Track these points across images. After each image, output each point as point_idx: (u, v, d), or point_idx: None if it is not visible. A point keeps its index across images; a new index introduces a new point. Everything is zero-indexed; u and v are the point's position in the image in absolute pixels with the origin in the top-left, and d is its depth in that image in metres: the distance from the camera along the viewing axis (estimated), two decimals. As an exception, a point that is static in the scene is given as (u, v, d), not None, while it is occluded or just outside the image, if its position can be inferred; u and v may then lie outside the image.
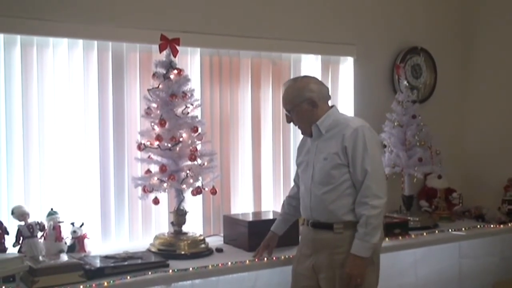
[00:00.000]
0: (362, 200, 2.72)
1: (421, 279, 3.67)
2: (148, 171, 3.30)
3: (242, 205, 3.96)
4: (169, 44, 3.24)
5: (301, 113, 2.86)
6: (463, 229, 3.97)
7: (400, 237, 3.70)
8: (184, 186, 3.22)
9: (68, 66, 3.39)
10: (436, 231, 3.91)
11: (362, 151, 2.73)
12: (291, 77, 4.06)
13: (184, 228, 3.36)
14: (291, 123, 2.97)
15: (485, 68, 4.77)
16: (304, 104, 2.83)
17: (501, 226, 4.09)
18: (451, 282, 3.81)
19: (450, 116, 4.85)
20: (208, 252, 3.28)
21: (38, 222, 3.10)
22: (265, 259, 3.16)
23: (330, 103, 2.98)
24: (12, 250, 3.02)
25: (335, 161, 2.77)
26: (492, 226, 4.09)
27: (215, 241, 3.55)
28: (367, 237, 2.69)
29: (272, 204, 4.06)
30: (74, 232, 3.19)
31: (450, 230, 3.95)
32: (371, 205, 2.69)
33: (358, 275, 2.71)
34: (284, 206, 3.24)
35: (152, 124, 3.24)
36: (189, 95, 3.26)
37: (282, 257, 3.18)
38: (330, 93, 2.96)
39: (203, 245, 3.30)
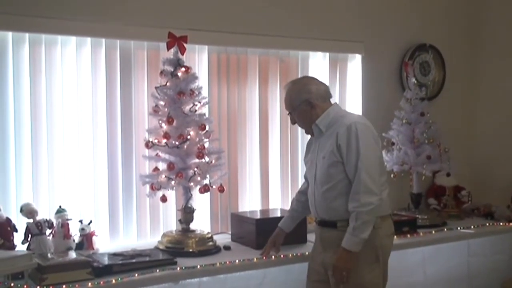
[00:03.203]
0: (354, 196, 2.72)
1: (430, 277, 3.65)
2: (156, 169, 3.30)
3: (249, 203, 3.96)
4: (177, 41, 3.23)
5: (301, 114, 2.92)
6: (472, 227, 3.95)
7: (409, 235, 3.68)
8: (191, 184, 3.23)
9: (76, 64, 3.40)
10: (445, 229, 3.89)
11: (355, 147, 2.73)
12: (299, 74, 4.06)
13: (192, 226, 3.37)
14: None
15: (493, 65, 4.74)
16: (302, 106, 2.88)
17: (510, 224, 4.06)
18: (459, 280, 3.79)
19: (459, 113, 4.82)
20: (215, 249, 3.29)
21: (46, 219, 3.11)
22: (273, 257, 3.15)
23: (333, 100, 2.99)
24: (20, 247, 3.04)
25: (332, 159, 2.79)
26: (501, 224, 4.07)
27: (222, 239, 3.55)
28: (356, 232, 2.69)
29: (279, 202, 4.05)
30: (82, 229, 3.20)
31: (458, 228, 3.93)
32: (362, 201, 2.69)
33: (343, 268, 2.71)
34: (292, 203, 3.24)
35: (160, 122, 3.24)
36: (197, 93, 3.27)
37: (290, 255, 3.18)
38: (330, 91, 2.98)
39: (210, 243, 3.31)
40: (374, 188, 2.72)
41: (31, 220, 3.06)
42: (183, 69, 3.24)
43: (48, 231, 3.10)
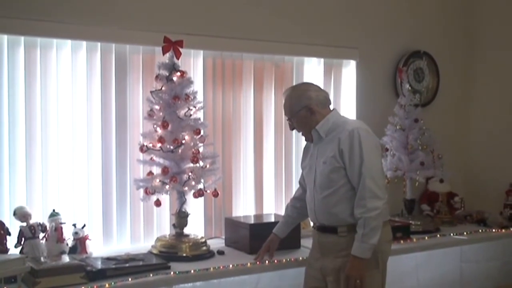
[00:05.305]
0: (360, 202, 2.72)
1: (423, 283, 3.66)
2: (150, 173, 3.31)
3: (243, 208, 3.96)
4: (172, 46, 3.24)
5: (300, 120, 2.90)
6: (465, 233, 3.97)
7: (402, 241, 3.69)
8: (186, 188, 3.23)
9: (71, 68, 3.40)
10: (438, 235, 3.90)
11: (358, 153, 2.73)
12: (294, 80, 4.08)
13: (186, 230, 3.36)
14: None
15: (487, 72, 4.77)
16: (302, 112, 2.87)
17: (503, 230, 4.08)
18: (452, 286, 3.80)
19: (452, 120, 4.85)
20: (209, 254, 3.29)
21: (40, 223, 3.11)
22: (267, 262, 3.15)
23: (331, 106, 2.99)
24: (13, 251, 3.03)
25: (333, 165, 2.78)
26: (494, 230, 4.08)
27: (216, 244, 3.55)
28: (365, 238, 2.69)
29: (273, 207, 4.06)
30: (75, 233, 3.19)
31: (451, 234, 3.94)
32: (369, 206, 2.69)
33: (356, 276, 2.71)
34: (287, 209, 3.24)
35: (155, 126, 3.25)
36: (192, 97, 3.27)
37: (284, 260, 3.18)
38: (329, 98, 2.99)
39: (204, 248, 3.31)
40: (379, 193, 2.73)
41: (24, 224, 3.06)
42: (178, 73, 3.25)
43: (41, 235, 3.10)
